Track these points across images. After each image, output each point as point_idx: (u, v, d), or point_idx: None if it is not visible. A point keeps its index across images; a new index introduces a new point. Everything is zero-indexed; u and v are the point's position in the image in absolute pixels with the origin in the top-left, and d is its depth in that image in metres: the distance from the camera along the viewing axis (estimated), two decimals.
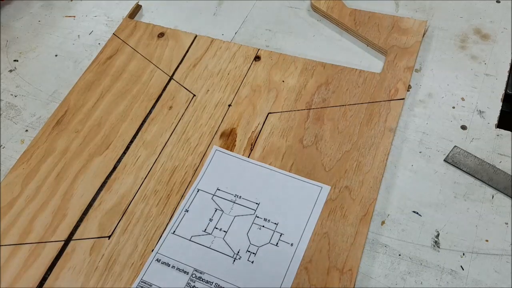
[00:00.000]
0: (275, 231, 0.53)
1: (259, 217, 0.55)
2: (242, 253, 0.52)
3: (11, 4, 0.82)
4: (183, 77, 0.68)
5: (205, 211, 0.55)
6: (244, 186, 0.57)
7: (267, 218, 0.54)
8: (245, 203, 0.56)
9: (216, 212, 0.55)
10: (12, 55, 0.75)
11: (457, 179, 0.57)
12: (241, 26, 0.75)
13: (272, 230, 0.54)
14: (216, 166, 0.59)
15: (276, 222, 0.54)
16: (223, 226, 0.54)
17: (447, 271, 0.51)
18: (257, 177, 0.58)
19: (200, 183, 0.57)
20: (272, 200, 0.56)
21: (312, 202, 0.55)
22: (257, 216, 0.55)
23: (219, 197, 0.56)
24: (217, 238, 0.53)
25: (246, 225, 0.54)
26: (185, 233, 0.54)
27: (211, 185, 0.57)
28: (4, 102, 0.69)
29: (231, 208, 0.55)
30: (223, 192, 0.57)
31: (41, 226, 0.56)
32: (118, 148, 0.62)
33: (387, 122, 0.60)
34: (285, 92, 0.65)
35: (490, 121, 0.61)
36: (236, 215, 0.55)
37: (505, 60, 0.66)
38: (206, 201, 0.56)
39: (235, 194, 0.56)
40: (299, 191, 0.56)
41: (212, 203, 0.56)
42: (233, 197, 0.56)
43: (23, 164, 0.61)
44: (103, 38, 0.75)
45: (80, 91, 0.68)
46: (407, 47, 0.67)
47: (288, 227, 0.54)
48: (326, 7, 0.73)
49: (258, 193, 0.56)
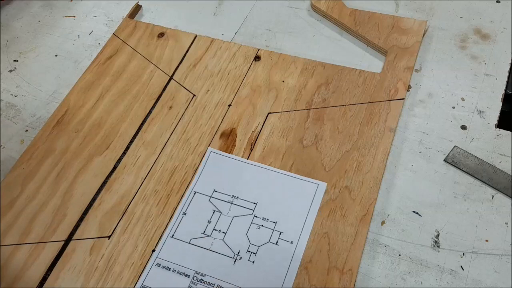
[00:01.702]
0: (274, 229, 0.54)
1: (258, 217, 0.55)
2: (242, 253, 0.52)
3: (11, 4, 0.82)
4: (183, 77, 0.68)
5: (203, 213, 0.55)
6: (241, 186, 0.57)
7: (266, 217, 0.54)
8: (243, 203, 0.56)
9: (214, 214, 0.55)
10: (12, 55, 0.75)
11: (457, 179, 0.57)
12: (241, 26, 0.75)
13: (271, 229, 0.54)
14: (212, 168, 0.58)
15: (275, 221, 0.54)
16: (222, 227, 0.54)
17: (447, 271, 0.51)
18: (254, 177, 0.58)
19: (197, 185, 0.57)
20: (269, 199, 0.56)
21: (310, 199, 0.55)
22: (255, 215, 0.55)
23: (217, 198, 0.56)
24: (217, 240, 0.53)
25: (245, 225, 0.54)
26: (184, 236, 0.54)
27: (208, 187, 0.57)
28: (4, 102, 0.69)
29: (229, 209, 0.55)
30: (220, 193, 0.57)
31: (41, 226, 0.56)
32: (118, 148, 0.62)
33: (387, 122, 0.60)
34: (285, 92, 0.65)
35: (490, 121, 0.61)
36: (234, 216, 0.55)
37: (505, 60, 0.66)
38: (204, 203, 0.56)
39: (232, 195, 0.56)
40: (296, 189, 0.56)
41: (209, 205, 0.56)
42: (231, 198, 0.56)
43: (23, 164, 0.61)
44: (103, 38, 0.75)
45: (80, 91, 0.68)
46: (407, 47, 0.67)
47: (287, 225, 0.54)
48: (326, 7, 0.73)
49: (255, 193, 0.56)
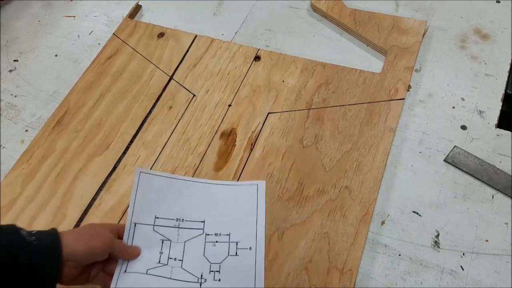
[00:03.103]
0: (229, 242, 0.52)
1: (210, 234, 0.52)
2: (206, 275, 0.49)
3: (11, 4, 0.82)
4: (183, 77, 0.68)
5: (152, 244, 0.50)
6: (182, 206, 0.54)
7: (218, 232, 0.52)
8: (190, 224, 0.53)
9: (164, 243, 0.51)
10: (12, 55, 0.75)
11: (457, 179, 0.57)
12: (241, 26, 0.75)
13: (226, 242, 0.52)
14: (146, 192, 0.53)
15: (227, 233, 0.52)
16: (176, 255, 0.50)
17: (447, 271, 0.51)
18: (192, 193, 0.55)
19: (134, 215, 0.52)
20: (215, 213, 0.54)
21: (254, 201, 0.54)
22: (207, 234, 0.52)
23: (161, 225, 0.52)
24: (175, 268, 0.49)
25: (199, 246, 0.51)
26: (138, 268, 0.49)
27: (148, 214, 0.52)
28: (4, 102, 0.69)
29: (178, 235, 0.52)
30: (163, 219, 0.52)
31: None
32: (118, 148, 0.62)
33: (387, 122, 0.60)
34: (285, 92, 0.65)
35: (490, 121, 0.61)
36: (186, 240, 0.51)
37: (505, 60, 0.66)
38: (148, 234, 0.51)
39: (177, 218, 0.53)
40: (238, 195, 0.55)
41: (155, 234, 0.51)
42: (176, 222, 0.52)
43: (23, 164, 0.61)
44: (103, 38, 0.75)
45: (80, 91, 0.68)
46: (407, 47, 0.67)
47: (240, 233, 0.52)
48: (326, 7, 0.73)
49: (200, 210, 0.54)
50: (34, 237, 0.43)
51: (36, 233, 0.43)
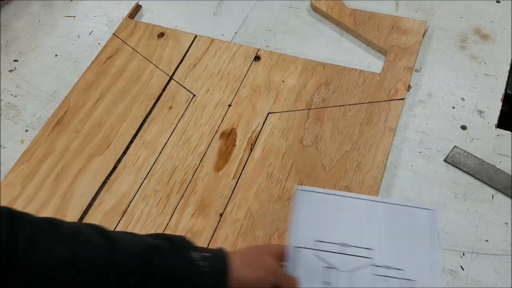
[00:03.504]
0: (403, 279, 0.45)
1: (378, 266, 0.45)
2: None
3: (11, 4, 0.82)
4: (183, 77, 0.68)
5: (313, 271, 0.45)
6: (346, 229, 0.48)
7: (388, 265, 0.45)
8: (356, 251, 0.46)
9: (328, 272, 0.45)
10: (12, 55, 0.75)
11: (457, 179, 0.57)
12: (241, 26, 0.75)
13: (398, 278, 0.45)
14: (305, 211, 0.49)
15: (400, 268, 0.45)
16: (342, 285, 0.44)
17: (447, 271, 0.51)
18: (357, 214, 0.49)
19: (295, 238, 0.47)
20: (385, 240, 0.47)
21: (429, 231, 0.48)
22: (374, 265, 0.46)
23: (323, 250, 0.46)
24: None
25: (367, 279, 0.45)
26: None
27: (307, 237, 0.47)
28: (4, 102, 0.69)
29: (342, 262, 0.45)
30: (325, 243, 0.47)
31: None
32: (118, 148, 0.62)
33: (387, 122, 0.60)
34: (285, 92, 0.65)
35: (490, 121, 0.61)
36: (351, 270, 0.45)
37: (505, 60, 0.66)
38: (310, 259, 0.46)
39: (340, 242, 0.47)
40: (409, 220, 0.48)
41: (316, 260, 0.46)
42: (339, 247, 0.47)
43: (23, 164, 0.61)
44: (103, 38, 0.75)
45: (80, 91, 0.68)
46: (407, 47, 0.67)
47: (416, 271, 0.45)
48: (326, 7, 0.73)
49: (366, 234, 0.47)
50: (206, 262, 0.41)
51: (208, 258, 0.41)
